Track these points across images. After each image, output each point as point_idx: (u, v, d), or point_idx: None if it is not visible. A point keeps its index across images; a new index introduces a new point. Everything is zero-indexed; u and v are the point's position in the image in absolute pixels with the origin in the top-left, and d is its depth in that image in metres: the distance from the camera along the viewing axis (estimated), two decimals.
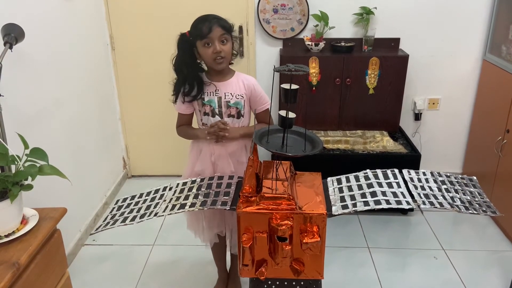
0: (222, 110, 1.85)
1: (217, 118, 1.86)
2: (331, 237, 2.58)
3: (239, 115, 1.87)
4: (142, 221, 1.57)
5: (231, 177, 1.71)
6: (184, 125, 1.97)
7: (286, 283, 1.59)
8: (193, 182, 1.72)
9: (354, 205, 1.49)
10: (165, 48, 3.10)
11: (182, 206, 1.60)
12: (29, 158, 1.40)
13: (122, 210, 1.69)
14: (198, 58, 1.82)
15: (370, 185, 1.57)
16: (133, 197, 1.75)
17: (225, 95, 1.84)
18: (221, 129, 1.82)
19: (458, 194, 1.59)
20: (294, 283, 1.58)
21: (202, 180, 1.72)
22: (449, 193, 1.58)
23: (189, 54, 1.81)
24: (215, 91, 1.85)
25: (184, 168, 2.01)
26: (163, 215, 1.59)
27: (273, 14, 2.98)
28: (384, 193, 1.52)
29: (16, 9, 1.99)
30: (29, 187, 1.40)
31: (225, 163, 1.88)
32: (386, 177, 1.62)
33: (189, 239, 2.16)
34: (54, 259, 1.52)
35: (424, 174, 1.66)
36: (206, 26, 1.73)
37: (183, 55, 1.81)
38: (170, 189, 1.72)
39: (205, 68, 1.89)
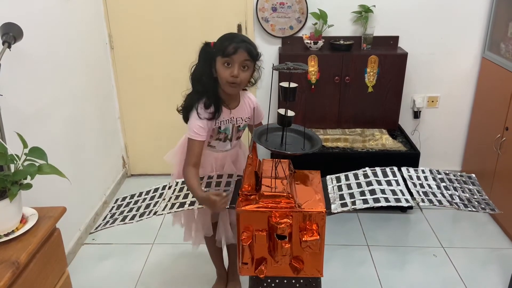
0: (233, 135, 1.83)
1: (227, 142, 1.83)
2: (331, 235, 2.58)
3: (242, 133, 1.89)
4: (141, 220, 1.58)
5: (230, 176, 1.72)
6: (196, 169, 1.69)
7: (285, 281, 1.59)
8: None
9: (353, 203, 1.49)
10: (164, 46, 3.13)
11: (182, 204, 1.60)
12: (28, 157, 1.40)
13: (121, 209, 1.69)
14: (214, 72, 1.70)
15: (369, 183, 1.58)
16: (132, 196, 1.76)
17: (236, 121, 1.81)
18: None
19: (457, 191, 1.59)
20: (293, 281, 1.59)
21: (201, 179, 1.73)
22: (448, 191, 1.58)
23: (210, 66, 1.70)
24: (231, 119, 1.79)
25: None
26: (162, 214, 1.59)
27: (272, 12, 2.97)
28: (383, 191, 1.52)
29: (15, 8, 1.99)
30: (28, 186, 1.40)
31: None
32: (385, 175, 1.62)
33: None
34: (54, 258, 1.52)
35: (423, 172, 1.66)
36: (233, 46, 1.62)
37: (203, 65, 1.71)
38: (170, 188, 1.73)
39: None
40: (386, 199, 1.48)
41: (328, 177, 1.69)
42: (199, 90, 1.72)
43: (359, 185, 1.59)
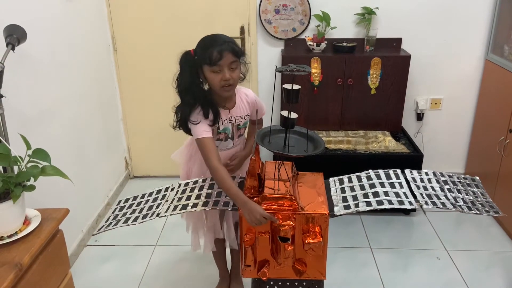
0: (234, 133, 1.83)
1: (229, 141, 1.82)
2: (333, 237, 2.58)
3: (244, 131, 1.88)
4: (144, 221, 1.58)
5: (232, 178, 1.71)
6: (222, 166, 1.65)
7: (288, 283, 1.58)
8: (195, 182, 1.73)
9: (357, 205, 1.49)
10: (167, 48, 3.13)
11: (184, 206, 1.60)
12: (31, 159, 1.40)
13: (124, 210, 1.69)
14: (203, 80, 1.69)
15: (372, 185, 1.57)
16: (135, 198, 1.76)
17: (235, 120, 1.79)
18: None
19: (461, 194, 1.59)
20: (296, 283, 1.58)
21: (204, 180, 1.72)
22: (451, 193, 1.57)
23: (196, 75, 1.67)
24: (229, 118, 1.78)
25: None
26: (165, 216, 1.59)
27: (275, 14, 2.98)
28: (386, 193, 1.52)
29: (18, 10, 1.99)
30: (32, 187, 1.40)
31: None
32: (388, 177, 1.62)
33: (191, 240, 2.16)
34: (57, 260, 1.52)
35: (426, 174, 1.66)
36: (217, 52, 1.58)
37: (190, 76, 1.67)
38: (172, 189, 1.73)
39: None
40: (390, 202, 1.48)
41: (331, 179, 1.69)
42: (190, 102, 1.68)
43: (362, 187, 1.58)
